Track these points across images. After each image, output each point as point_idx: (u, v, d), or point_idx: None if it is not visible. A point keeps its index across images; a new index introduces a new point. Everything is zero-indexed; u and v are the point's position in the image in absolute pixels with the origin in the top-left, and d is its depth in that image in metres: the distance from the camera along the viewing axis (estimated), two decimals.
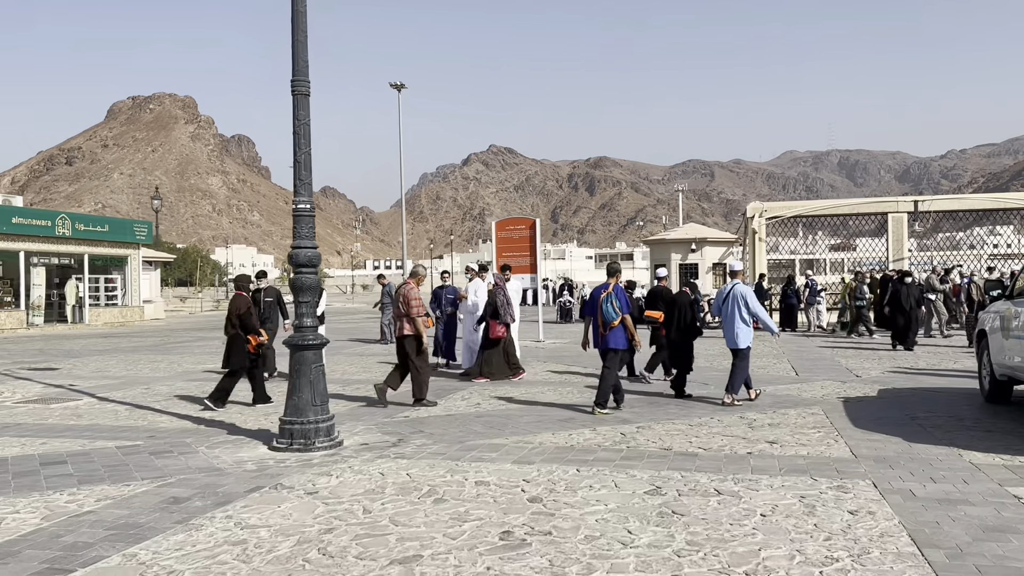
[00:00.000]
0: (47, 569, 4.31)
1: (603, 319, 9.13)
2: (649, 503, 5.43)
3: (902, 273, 17.77)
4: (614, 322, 9.07)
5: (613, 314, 9.07)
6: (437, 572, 4.21)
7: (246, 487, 6.02)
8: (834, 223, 30.20)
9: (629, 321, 9.16)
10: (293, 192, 7.64)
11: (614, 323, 9.08)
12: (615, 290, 9.19)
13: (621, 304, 9.12)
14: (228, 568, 4.31)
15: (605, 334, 9.19)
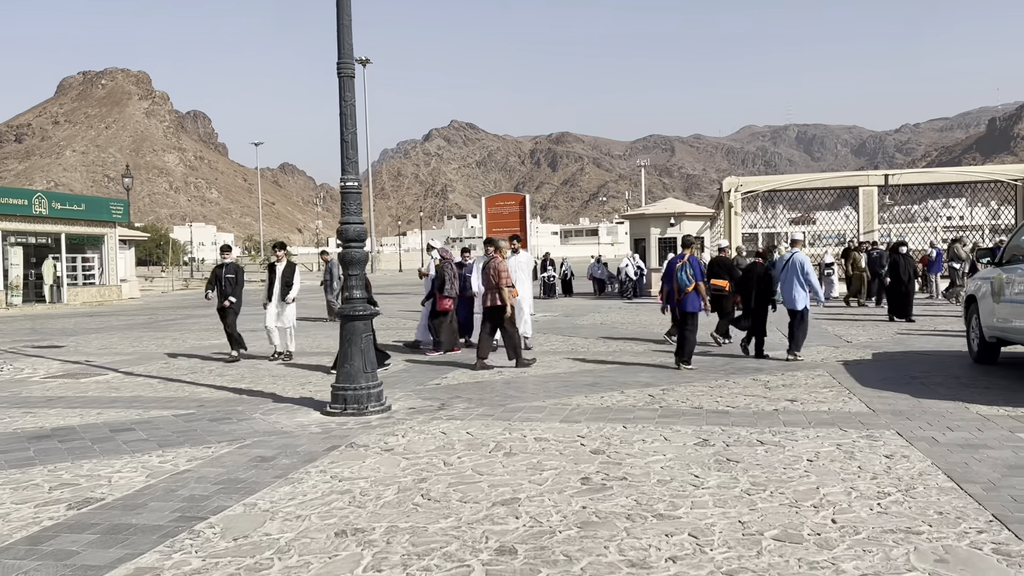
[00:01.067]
0: (180, 517, 4.71)
1: (678, 285, 10.16)
2: (703, 452, 5.98)
3: (898, 243, 18.25)
4: (688, 288, 10.12)
5: (687, 281, 10.14)
6: (538, 510, 4.70)
7: (323, 446, 6.44)
8: (792, 197, 31.00)
9: (702, 287, 10.16)
10: (341, 170, 7.99)
11: (688, 289, 10.11)
12: (690, 260, 10.22)
13: (695, 272, 10.13)
14: (348, 512, 4.75)
15: (680, 299, 10.21)
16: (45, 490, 5.37)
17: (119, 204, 34.05)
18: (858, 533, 4.19)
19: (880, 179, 27.72)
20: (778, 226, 33.33)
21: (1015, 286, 9.14)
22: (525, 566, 3.86)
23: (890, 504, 4.66)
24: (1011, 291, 9.23)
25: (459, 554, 4.03)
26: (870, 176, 28.47)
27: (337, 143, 7.92)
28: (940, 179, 28.86)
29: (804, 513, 4.54)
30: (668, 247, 28.20)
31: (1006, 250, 9.91)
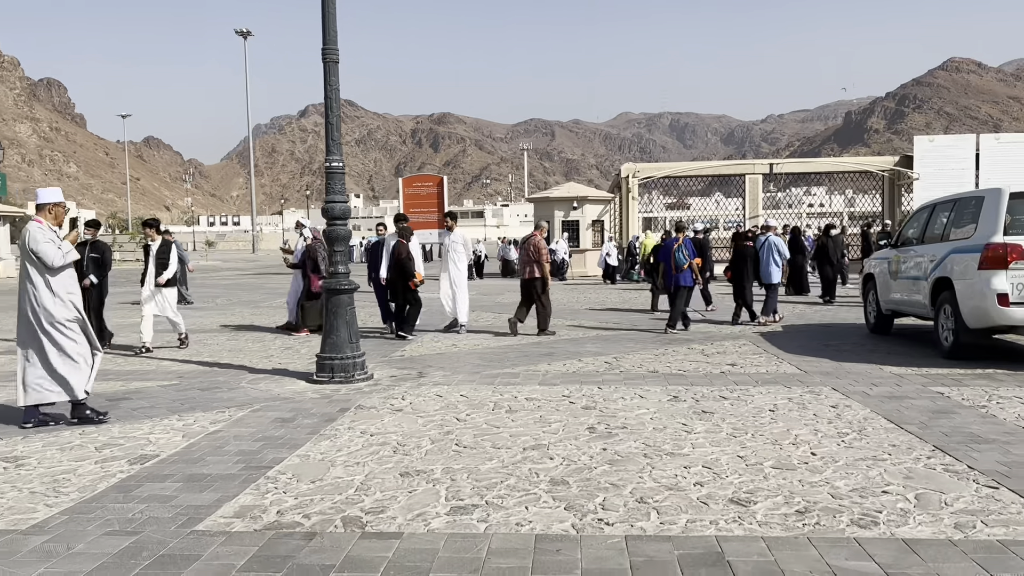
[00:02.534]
0: (245, 467, 5.18)
1: (675, 263, 11.81)
2: (680, 407, 6.86)
3: (828, 227, 19.56)
4: (684, 265, 11.85)
5: (683, 260, 11.85)
6: (566, 453, 5.44)
7: (333, 409, 6.95)
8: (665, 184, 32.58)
9: (695, 265, 11.86)
10: (326, 151, 8.42)
11: (684, 266, 11.97)
12: (684, 242, 11.93)
13: (689, 252, 11.84)
14: (399, 458, 5.34)
15: (676, 275, 11.87)
16: (92, 450, 5.68)
17: None
18: (836, 461, 5.14)
19: (765, 168, 29.75)
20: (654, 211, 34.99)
21: (908, 265, 10.53)
22: (582, 492, 4.59)
23: (852, 440, 5.66)
24: (904, 269, 10.62)
25: (521, 485, 4.72)
26: (755, 164, 30.50)
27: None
28: (818, 168, 31.24)
29: (787, 449, 5.47)
30: (571, 229, 29.37)
31: (900, 234, 11.32)
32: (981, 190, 9.27)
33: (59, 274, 6.34)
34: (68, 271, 6.43)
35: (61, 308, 6.32)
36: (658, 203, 34.47)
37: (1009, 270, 8.21)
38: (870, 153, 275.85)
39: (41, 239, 6.24)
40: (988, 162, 27.49)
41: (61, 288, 6.34)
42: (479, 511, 4.30)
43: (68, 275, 6.43)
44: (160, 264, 10.89)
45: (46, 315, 6.28)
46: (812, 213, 45.89)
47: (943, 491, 4.52)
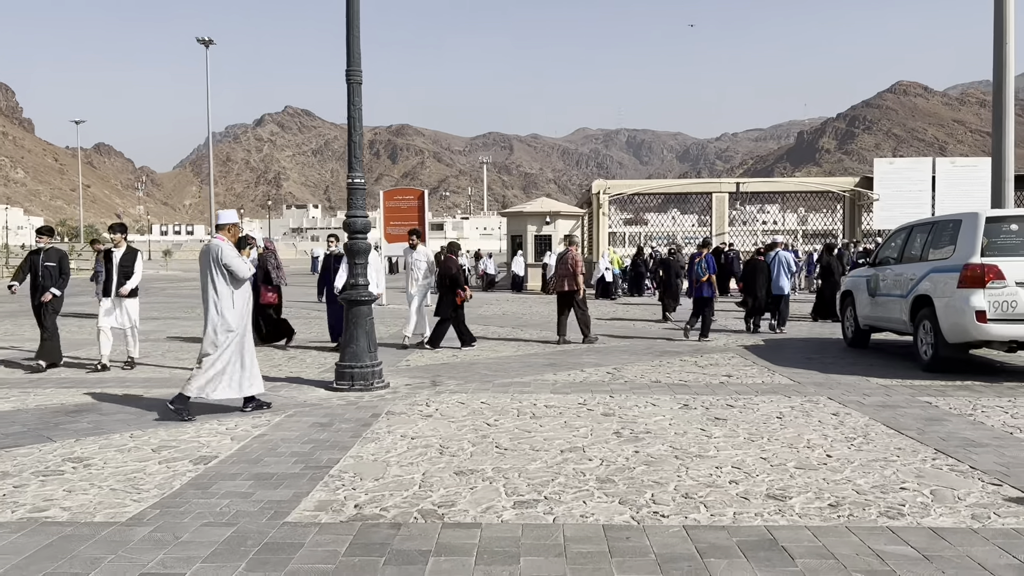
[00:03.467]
0: (305, 467, 5.49)
1: (696, 276, 12.92)
2: (693, 414, 7.32)
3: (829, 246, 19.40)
4: (703, 278, 12.98)
5: (701, 273, 13.00)
6: (603, 454, 5.85)
7: (365, 414, 7.26)
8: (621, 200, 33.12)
9: (714, 279, 12.98)
10: (348, 168, 8.76)
11: (703, 279, 13.12)
12: (706, 257, 13.03)
13: (709, 267, 12.90)
14: (447, 459, 5.70)
15: (698, 286, 13.05)
16: (149, 451, 5.94)
17: None
18: (851, 462, 5.63)
19: (732, 187, 30.61)
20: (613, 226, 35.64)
21: (887, 283, 11.18)
22: (629, 489, 5.00)
23: (860, 444, 6.16)
24: (884, 287, 11.27)
25: (571, 483, 5.12)
26: (722, 183, 31.37)
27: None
28: (783, 188, 32.27)
29: (804, 452, 5.95)
30: (544, 244, 29.87)
31: (878, 254, 11.99)
32: (959, 214, 9.94)
33: (241, 286, 7.16)
34: (246, 283, 7.34)
35: (238, 317, 7.20)
36: (616, 219, 35.19)
37: (986, 289, 8.86)
38: (822, 172, 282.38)
39: (232, 255, 7.17)
40: (944, 185, 28.71)
41: (241, 299, 7.24)
42: (542, 505, 4.68)
43: (246, 287, 7.34)
44: (123, 273, 10.09)
45: (223, 323, 7.04)
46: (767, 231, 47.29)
47: (953, 488, 5.02)
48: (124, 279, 10.09)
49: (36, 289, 10.26)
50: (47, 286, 10.19)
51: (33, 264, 10.30)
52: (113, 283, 10.07)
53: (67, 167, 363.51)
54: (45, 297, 10.15)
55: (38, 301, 10.24)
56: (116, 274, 10.11)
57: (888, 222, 28.96)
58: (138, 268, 10.25)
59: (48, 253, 10.35)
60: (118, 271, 10.11)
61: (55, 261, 10.33)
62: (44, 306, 10.19)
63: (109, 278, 10.12)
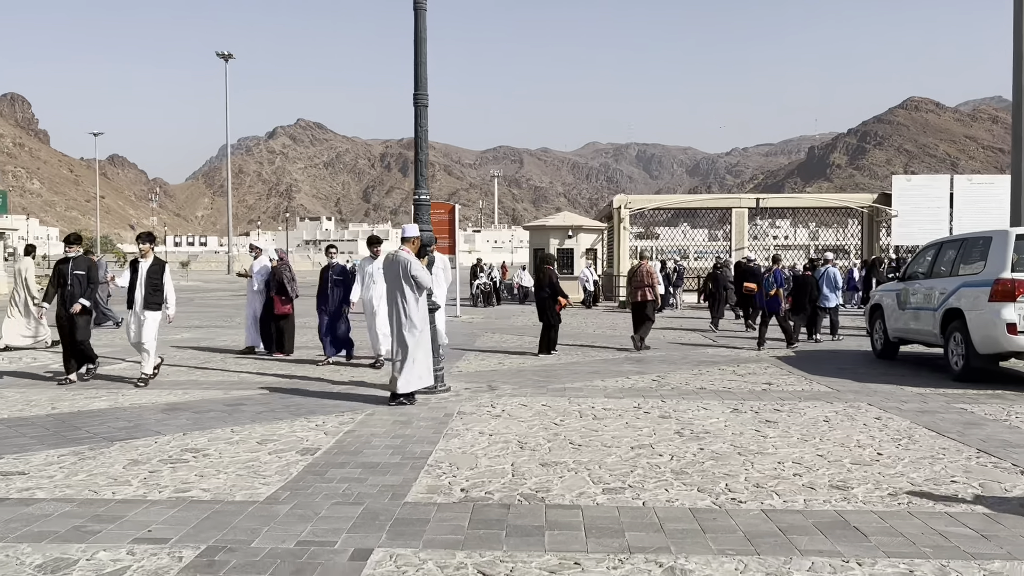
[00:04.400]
0: (403, 458, 6.02)
1: (765, 290, 14.02)
2: (744, 417, 7.83)
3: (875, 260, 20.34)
4: (771, 292, 13.97)
5: (769, 286, 14.06)
6: (671, 451, 6.36)
7: (439, 414, 7.80)
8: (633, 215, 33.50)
9: (782, 293, 13.85)
10: (415, 185, 9.36)
11: (771, 293, 14.17)
12: (775, 272, 13.99)
13: (777, 281, 13.87)
14: (528, 453, 6.22)
15: (767, 299, 14.09)
16: (255, 444, 6.49)
17: None
18: (901, 460, 6.13)
19: (752, 202, 31.13)
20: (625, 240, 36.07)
21: (917, 297, 11.67)
22: (704, 479, 5.52)
23: (907, 444, 6.66)
24: (914, 301, 11.77)
25: (649, 474, 5.64)
26: (742, 199, 31.87)
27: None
28: (802, 204, 32.73)
29: (855, 450, 6.45)
30: (566, 257, 30.42)
31: (907, 269, 12.49)
32: (989, 231, 10.44)
33: (423, 292, 8.21)
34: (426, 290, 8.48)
35: (421, 318, 8.33)
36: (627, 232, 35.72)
37: (1017, 302, 9.35)
38: (833, 187, 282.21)
39: (418, 265, 8.15)
40: (961, 201, 29.13)
41: (423, 302, 8.39)
42: (629, 492, 5.20)
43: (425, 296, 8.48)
44: (151, 286, 9.69)
45: (410, 324, 8.05)
46: (779, 245, 47.77)
47: (1000, 481, 5.52)
48: (152, 291, 9.69)
49: (64, 299, 9.89)
50: (76, 295, 9.84)
51: (61, 273, 9.95)
52: (138, 294, 9.65)
53: (82, 178, 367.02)
54: (74, 308, 9.76)
55: (66, 312, 9.82)
56: (143, 286, 9.70)
57: (906, 238, 29.42)
58: (167, 281, 9.90)
59: (77, 262, 10.01)
60: (145, 283, 9.70)
61: (84, 270, 9.98)
62: (74, 318, 9.79)
63: (134, 289, 9.72)
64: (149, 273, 9.75)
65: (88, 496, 4.99)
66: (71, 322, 9.80)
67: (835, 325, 15.95)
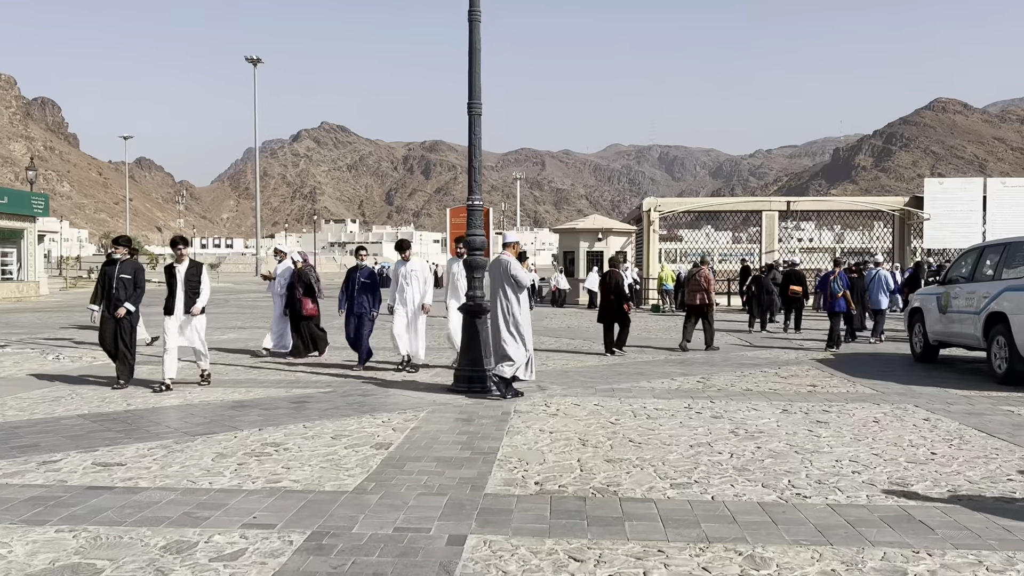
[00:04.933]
0: (473, 452, 6.29)
1: (831, 292, 14.52)
2: (795, 417, 8.02)
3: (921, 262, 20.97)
4: (838, 294, 14.74)
5: (837, 289, 14.58)
6: (729, 449, 6.58)
7: (496, 412, 8.06)
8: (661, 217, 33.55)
9: (848, 294, 14.51)
10: (468, 191, 9.65)
11: (838, 295, 14.71)
12: (839, 275, 14.56)
13: (843, 284, 14.46)
14: (590, 450, 6.47)
15: (832, 301, 14.60)
16: (329, 439, 6.79)
17: (40, 198, 33.27)
18: (956, 459, 6.31)
19: (782, 205, 31.16)
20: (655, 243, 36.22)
21: (959, 301, 11.79)
22: (766, 476, 5.74)
23: (959, 444, 6.84)
24: (955, 304, 11.88)
25: (713, 471, 5.86)
26: (772, 202, 31.91)
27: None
28: (832, 207, 32.71)
29: (909, 449, 6.64)
30: (595, 260, 30.63)
31: (948, 273, 12.60)
32: None
33: (523, 292, 8.86)
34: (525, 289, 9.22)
35: (524, 316, 9.04)
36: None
37: None
38: (858, 190, 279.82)
39: (519, 267, 8.87)
40: (994, 205, 29.00)
41: (524, 301, 9.11)
42: (696, 487, 5.44)
43: (526, 292, 9.19)
44: (191, 289, 9.55)
45: (514, 321, 8.74)
46: (804, 248, 47.70)
47: None
48: (191, 295, 9.52)
49: (110, 302, 9.70)
50: (121, 299, 9.65)
51: (108, 276, 9.82)
52: (178, 300, 9.49)
53: (111, 181, 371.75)
54: (119, 312, 9.56)
55: (111, 315, 9.65)
56: (182, 290, 9.54)
57: (938, 242, 29.31)
58: (205, 282, 9.72)
59: (123, 265, 9.81)
60: (184, 287, 9.55)
61: (130, 273, 9.79)
62: (119, 322, 9.63)
63: (173, 294, 9.53)
64: (187, 276, 9.58)
65: (188, 486, 5.30)
66: (115, 325, 9.64)
67: (878, 326, 16.30)
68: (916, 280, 19.44)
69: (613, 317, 13.62)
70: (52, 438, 6.73)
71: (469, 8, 9.47)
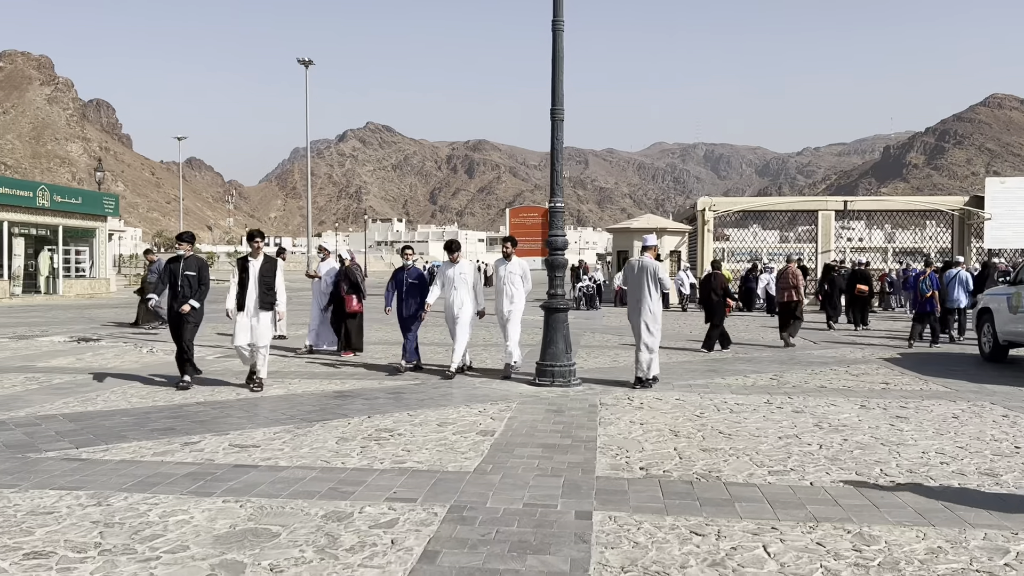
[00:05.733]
0: (572, 440, 6.68)
1: (920, 292, 15.03)
2: (875, 412, 8.28)
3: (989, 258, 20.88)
4: (927, 294, 15.20)
5: (926, 289, 15.03)
6: (819, 441, 6.89)
7: (584, 404, 8.46)
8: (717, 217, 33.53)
9: (937, 295, 14.88)
10: (550, 194, 10.06)
11: (927, 295, 15.20)
12: (929, 276, 15.01)
13: (932, 284, 14.89)
14: (685, 440, 6.82)
15: (921, 302, 15.14)
16: (435, 427, 7.25)
17: (111, 198, 34.54)
18: None
19: (839, 204, 31.06)
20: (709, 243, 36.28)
21: None
22: (858, 464, 6.05)
23: None
24: None
25: (806, 460, 6.18)
26: (828, 201, 31.83)
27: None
28: (889, 207, 32.50)
29: (992, 443, 6.88)
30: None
31: (1019, 273, 12.67)
32: None
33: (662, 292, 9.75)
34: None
35: (661, 313, 9.99)
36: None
37: None
38: (909, 188, 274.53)
39: (663, 269, 9.71)
40: None
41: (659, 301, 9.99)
42: (793, 474, 5.77)
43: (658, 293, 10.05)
44: (265, 286, 9.22)
45: (654, 319, 9.75)
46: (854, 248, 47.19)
47: None
48: (265, 291, 9.24)
49: (175, 299, 9.54)
50: (187, 296, 9.48)
51: (172, 273, 9.58)
52: (250, 296, 9.18)
53: (162, 181, 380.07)
54: (184, 309, 9.40)
55: (176, 312, 9.52)
56: (255, 286, 9.24)
57: (999, 242, 28.97)
58: (280, 281, 9.41)
59: (188, 261, 9.60)
60: (258, 283, 9.23)
61: (195, 270, 9.58)
62: (183, 319, 9.49)
63: (245, 290, 9.23)
64: (262, 272, 9.26)
65: (324, 464, 5.80)
66: (179, 322, 9.49)
67: (962, 326, 16.84)
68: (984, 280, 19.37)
69: (722, 317, 14.36)
70: (183, 423, 7.30)
71: (553, 18, 9.87)
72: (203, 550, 4.06)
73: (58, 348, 13.69)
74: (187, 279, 9.50)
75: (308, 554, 4.03)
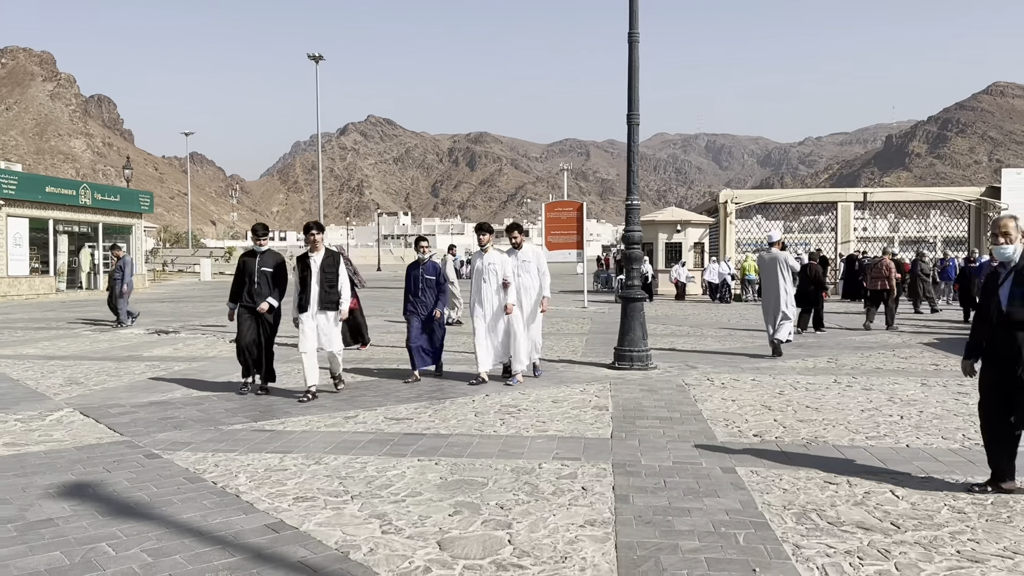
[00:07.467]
0: (680, 415, 7.53)
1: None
2: (936, 390, 9.10)
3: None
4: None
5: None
6: (893, 412, 7.72)
7: (669, 385, 9.30)
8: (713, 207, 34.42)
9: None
10: (627, 192, 10.88)
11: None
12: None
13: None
14: (777, 414, 7.65)
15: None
16: (550, 403, 8.09)
17: (146, 196, 35.43)
18: None
19: (858, 196, 31.88)
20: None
21: None
22: (942, 431, 6.88)
23: None
24: None
25: (893, 428, 7.02)
26: (847, 193, 32.65)
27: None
28: (906, 197, 33.34)
29: None
30: (674, 251, 31.68)
31: None
32: None
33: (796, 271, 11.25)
34: None
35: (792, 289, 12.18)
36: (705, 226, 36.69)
37: None
38: (912, 177, 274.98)
39: (792, 259, 11.49)
40: None
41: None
42: (888, 439, 6.62)
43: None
44: (327, 283, 8.35)
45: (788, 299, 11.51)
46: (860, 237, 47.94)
47: None
48: (327, 288, 8.36)
49: (251, 297, 8.68)
50: (264, 294, 8.67)
51: (247, 268, 8.74)
52: (313, 295, 8.32)
53: (166, 176, 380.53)
54: (262, 307, 8.61)
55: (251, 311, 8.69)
56: (318, 284, 8.37)
57: None
58: (344, 278, 8.54)
59: (264, 257, 8.78)
60: (320, 280, 8.37)
61: (272, 266, 8.75)
62: (260, 319, 8.69)
63: (307, 288, 8.34)
64: (323, 267, 8.38)
65: (479, 432, 6.66)
66: (256, 323, 8.69)
67: None
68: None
69: (810, 303, 15.90)
70: (328, 400, 8.15)
71: (629, 31, 10.68)
72: (434, 494, 4.92)
73: (144, 340, 14.55)
74: (263, 275, 8.66)
75: (522, 496, 4.88)
